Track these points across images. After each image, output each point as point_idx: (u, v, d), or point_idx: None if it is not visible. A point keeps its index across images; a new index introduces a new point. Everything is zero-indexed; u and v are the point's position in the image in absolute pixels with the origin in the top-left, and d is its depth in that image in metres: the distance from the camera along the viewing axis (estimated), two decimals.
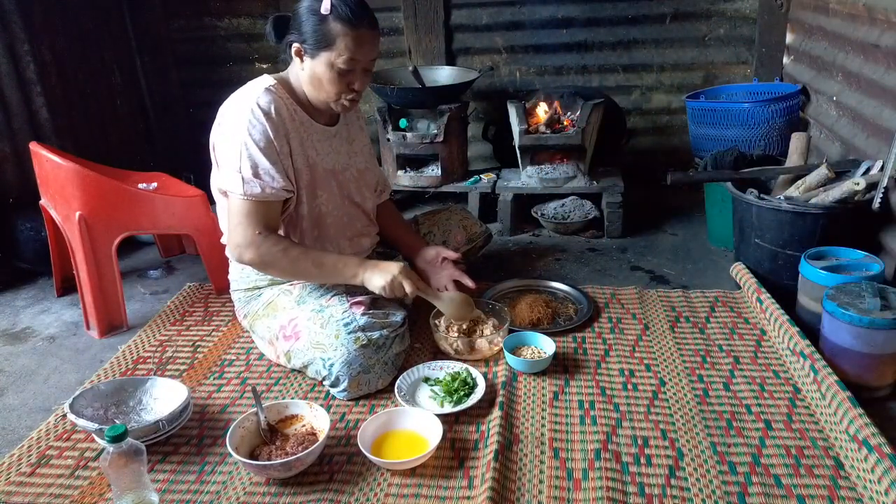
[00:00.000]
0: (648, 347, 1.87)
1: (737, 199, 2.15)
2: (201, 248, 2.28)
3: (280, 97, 1.72)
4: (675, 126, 3.28)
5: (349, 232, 1.94)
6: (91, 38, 3.12)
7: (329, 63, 1.66)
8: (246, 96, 1.71)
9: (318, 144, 1.83)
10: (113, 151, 3.17)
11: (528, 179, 2.84)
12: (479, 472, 1.42)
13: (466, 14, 3.24)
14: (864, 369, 1.62)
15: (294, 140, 1.75)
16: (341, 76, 1.67)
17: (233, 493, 1.40)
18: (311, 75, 1.70)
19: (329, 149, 1.86)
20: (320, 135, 1.83)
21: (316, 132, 1.82)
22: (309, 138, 1.80)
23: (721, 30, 3.12)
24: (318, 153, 1.82)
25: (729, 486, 1.35)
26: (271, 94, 1.70)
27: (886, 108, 2.06)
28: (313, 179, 1.81)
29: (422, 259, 2.03)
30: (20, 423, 1.73)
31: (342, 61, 1.64)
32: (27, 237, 2.57)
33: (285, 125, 1.72)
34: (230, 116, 1.70)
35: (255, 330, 1.88)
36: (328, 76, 1.67)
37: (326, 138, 1.85)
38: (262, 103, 1.67)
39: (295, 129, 1.75)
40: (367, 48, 1.67)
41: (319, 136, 1.83)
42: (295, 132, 1.75)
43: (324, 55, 1.65)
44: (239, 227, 1.69)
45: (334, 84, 1.69)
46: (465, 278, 1.94)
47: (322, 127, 1.84)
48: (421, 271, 2.00)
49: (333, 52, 1.64)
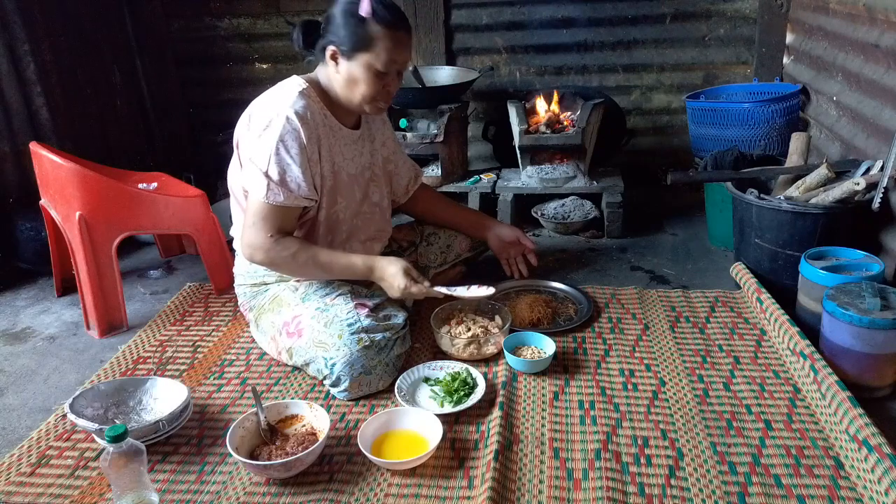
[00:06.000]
0: (648, 347, 1.87)
1: (737, 199, 2.15)
2: (201, 248, 2.28)
3: (313, 101, 1.73)
4: (675, 126, 3.28)
5: (362, 236, 1.96)
6: (91, 38, 3.12)
7: (367, 65, 1.67)
8: (281, 99, 1.71)
9: (345, 149, 1.84)
10: (113, 151, 3.17)
11: (528, 179, 2.84)
12: (479, 472, 1.42)
13: (466, 14, 3.24)
14: (864, 369, 1.62)
15: (324, 146, 1.76)
16: (378, 78, 1.69)
17: (233, 493, 1.40)
18: (348, 77, 1.71)
19: (354, 152, 1.88)
20: (347, 139, 1.85)
21: (343, 136, 1.84)
22: (337, 144, 1.81)
23: (721, 30, 3.12)
24: (344, 158, 1.84)
25: (729, 486, 1.35)
26: (306, 99, 1.72)
27: (886, 108, 2.06)
28: (335, 185, 1.83)
29: (497, 237, 2.21)
30: (20, 423, 1.73)
31: (381, 63, 1.66)
32: (27, 237, 2.57)
33: (318, 130, 1.73)
34: (263, 118, 1.70)
35: (260, 324, 1.88)
36: (365, 77, 1.69)
37: (352, 142, 1.87)
38: (298, 108, 1.69)
39: (325, 135, 1.77)
40: (404, 50, 1.71)
41: (346, 141, 1.85)
42: (325, 138, 1.77)
43: (362, 57, 1.67)
44: (252, 227, 1.70)
45: (370, 86, 1.70)
46: (532, 257, 2.23)
47: (348, 131, 1.86)
48: (494, 246, 2.23)
49: (371, 54, 1.66)
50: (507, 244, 2.21)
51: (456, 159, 2.97)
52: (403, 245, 2.20)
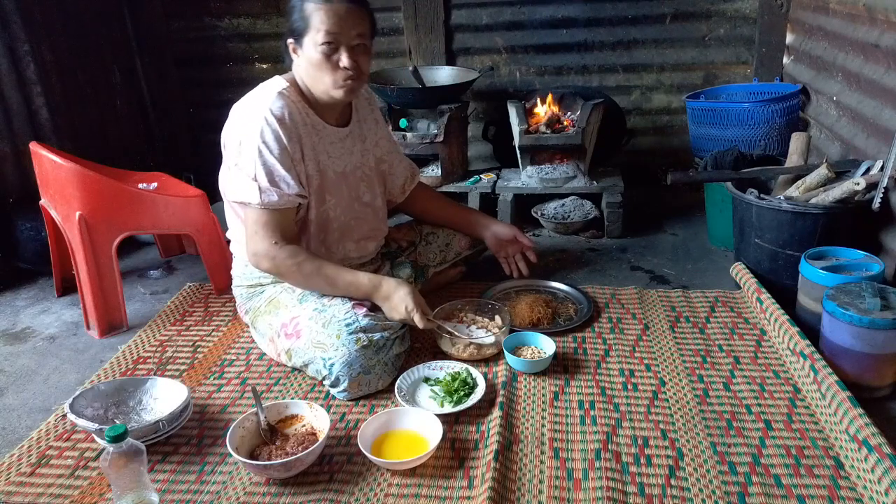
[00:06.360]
0: (648, 347, 1.87)
1: (737, 199, 2.15)
2: (201, 248, 2.28)
3: (292, 101, 1.73)
4: (675, 126, 3.28)
5: (356, 235, 1.95)
6: (91, 38, 3.12)
7: (314, 45, 1.66)
8: (259, 101, 1.71)
9: (331, 147, 1.83)
10: (113, 151, 3.17)
11: (528, 179, 2.84)
12: (479, 472, 1.42)
13: (466, 14, 3.23)
14: (864, 369, 1.62)
15: (306, 145, 1.75)
16: (327, 57, 1.66)
17: (233, 493, 1.40)
18: (307, 65, 1.71)
19: (342, 150, 1.86)
20: (332, 137, 1.83)
21: (328, 135, 1.82)
22: (321, 142, 1.80)
23: (721, 30, 3.12)
24: (329, 156, 1.83)
25: (729, 486, 1.35)
26: (284, 99, 1.71)
27: (886, 108, 2.06)
28: (323, 184, 1.82)
29: (494, 236, 2.19)
30: (20, 423, 1.73)
31: (321, 37, 1.64)
32: (27, 237, 2.57)
33: (298, 130, 1.73)
34: (243, 121, 1.71)
35: (257, 327, 1.88)
36: (315, 60, 1.67)
37: (339, 140, 1.86)
38: (275, 109, 1.68)
39: (307, 134, 1.76)
40: (344, 22, 1.64)
41: (332, 139, 1.83)
42: (307, 137, 1.76)
43: (307, 40, 1.66)
44: (255, 236, 1.71)
45: (322, 67, 1.68)
46: (531, 254, 2.21)
47: (334, 129, 1.84)
48: (491, 245, 2.21)
49: (313, 32, 1.65)
50: (505, 242, 2.21)
51: (456, 159, 2.97)
52: (403, 245, 2.20)
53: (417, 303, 1.73)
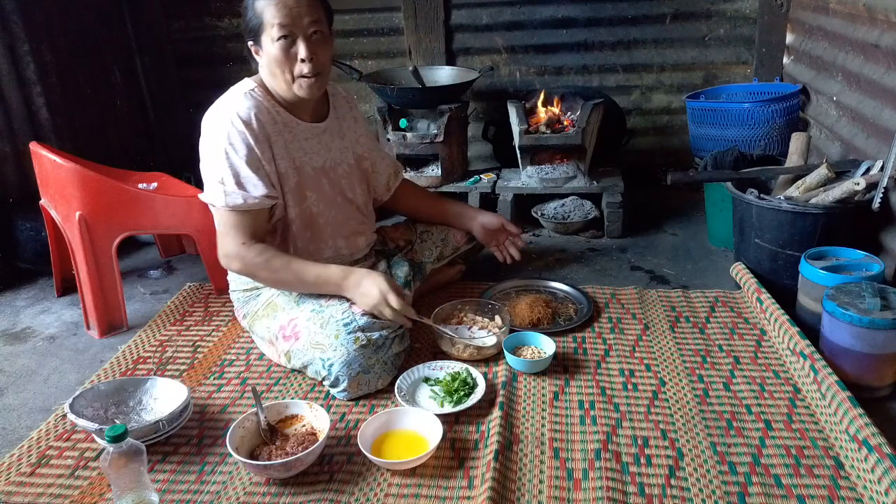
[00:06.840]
0: (648, 347, 1.87)
1: (737, 199, 2.15)
2: (201, 248, 2.28)
3: (260, 100, 1.73)
4: (675, 126, 3.28)
5: (345, 230, 1.95)
6: (91, 38, 3.12)
7: (269, 40, 1.66)
8: (226, 104, 1.72)
9: (306, 143, 1.83)
10: (113, 151, 3.17)
11: (528, 179, 2.84)
12: (479, 472, 1.42)
13: (466, 14, 3.24)
14: (864, 369, 1.62)
15: (277, 144, 1.75)
16: (285, 52, 1.66)
17: (233, 493, 1.40)
18: (268, 65, 1.71)
19: (318, 146, 1.86)
20: (307, 133, 1.83)
21: (302, 131, 1.82)
22: (294, 139, 1.80)
23: (721, 30, 3.12)
24: (305, 153, 1.82)
25: (729, 486, 1.35)
26: (252, 100, 1.72)
27: (886, 108, 2.06)
28: (301, 181, 1.82)
29: (482, 226, 2.18)
30: (20, 423, 1.73)
31: (276, 32, 1.64)
32: (27, 237, 2.58)
33: (266, 130, 1.72)
34: (211, 126, 1.72)
35: (255, 330, 1.88)
36: (273, 56, 1.67)
37: (314, 135, 1.85)
38: (241, 111, 1.69)
39: (278, 132, 1.75)
40: (296, 12, 1.64)
41: (306, 135, 1.83)
42: (278, 135, 1.75)
43: (264, 38, 1.67)
44: (225, 237, 1.72)
45: (280, 62, 1.67)
46: (518, 240, 2.22)
47: (308, 125, 1.84)
48: (480, 236, 2.20)
49: (266, 27, 1.65)
50: (493, 232, 2.20)
51: (456, 159, 2.97)
52: (401, 244, 2.20)
53: (392, 286, 1.71)
